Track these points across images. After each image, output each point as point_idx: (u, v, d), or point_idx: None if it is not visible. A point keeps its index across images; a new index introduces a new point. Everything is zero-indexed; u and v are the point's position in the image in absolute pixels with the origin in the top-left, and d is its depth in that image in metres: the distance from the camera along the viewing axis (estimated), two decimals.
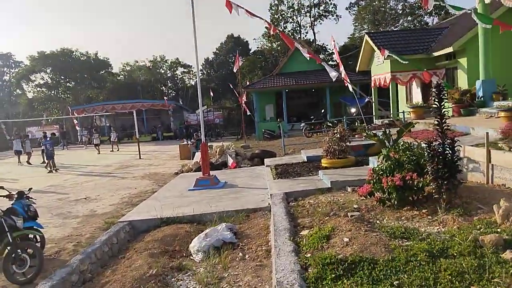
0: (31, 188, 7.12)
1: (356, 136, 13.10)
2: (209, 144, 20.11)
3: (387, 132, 8.15)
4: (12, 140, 22.22)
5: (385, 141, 7.82)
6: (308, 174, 8.97)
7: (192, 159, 15.48)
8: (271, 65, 42.29)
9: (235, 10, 8.35)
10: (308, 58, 8.54)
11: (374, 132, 11.18)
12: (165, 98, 32.56)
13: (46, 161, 17.80)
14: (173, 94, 50.16)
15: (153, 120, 37.19)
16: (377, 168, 6.05)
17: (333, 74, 8.33)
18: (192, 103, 43.99)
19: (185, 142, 18.91)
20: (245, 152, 15.20)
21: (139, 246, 6.18)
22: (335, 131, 9.78)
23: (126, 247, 6.46)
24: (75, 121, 33.20)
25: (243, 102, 26.23)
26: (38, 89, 46.67)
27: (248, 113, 26.26)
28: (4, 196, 6.45)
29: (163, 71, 50.51)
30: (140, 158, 20.25)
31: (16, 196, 6.42)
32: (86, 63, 45.66)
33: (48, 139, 18.63)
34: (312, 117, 23.84)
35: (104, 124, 37.79)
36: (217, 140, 29.10)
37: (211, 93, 36.50)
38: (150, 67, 49.32)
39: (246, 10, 8.31)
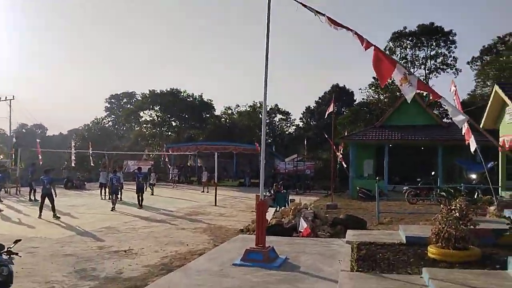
0: (18, 240, 5.42)
1: (478, 211, 9.66)
2: (292, 197, 17.85)
3: None
4: (99, 172, 22.35)
5: None
6: (406, 269, 5.99)
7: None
8: (375, 118, 39.05)
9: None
10: (413, 92, 5.84)
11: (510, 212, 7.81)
12: (255, 143, 31.17)
13: (113, 197, 17.03)
14: (270, 141, 49.20)
15: (244, 165, 36.08)
16: None
17: (460, 118, 5.55)
18: (287, 150, 42.35)
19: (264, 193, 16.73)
20: (328, 214, 12.41)
21: None
22: (453, 207, 6.71)
23: None
24: (167, 159, 33.47)
25: (339, 153, 23.48)
26: (145, 125, 49.50)
27: (345, 165, 23.32)
28: None
29: (261, 117, 50.13)
30: (215, 205, 18.56)
31: None
32: (191, 104, 47.37)
33: (115, 174, 17.84)
34: (418, 179, 20.10)
35: (195, 164, 37.73)
36: (305, 193, 26.50)
37: (305, 142, 34.47)
38: (250, 111, 49.34)
39: (329, 19, 6.11)
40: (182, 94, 47.60)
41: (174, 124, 48.89)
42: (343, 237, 9.48)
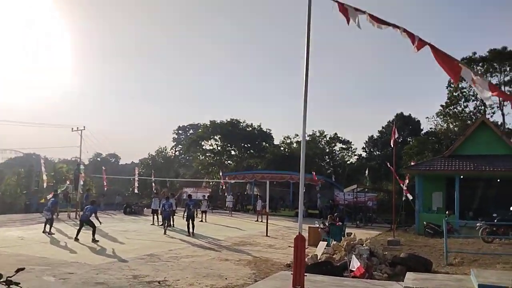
0: (21, 269, 4.89)
1: None
2: (350, 231, 16.44)
3: None
4: (152, 198, 22.48)
5: None
6: None
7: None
8: (444, 148, 36.15)
9: (353, 20, 5.37)
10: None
11: None
12: (313, 172, 29.97)
13: (165, 222, 17.38)
14: (330, 171, 47.56)
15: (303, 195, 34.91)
16: None
17: None
18: (347, 181, 40.48)
19: (317, 225, 15.57)
20: (387, 252, 11.00)
21: None
22: None
23: None
24: (224, 187, 33.23)
25: (404, 185, 21.62)
26: (206, 154, 50.19)
27: (410, 197, 21.31)
28: None
29: (321, 146, 48.79)
30: (266, 235, 17.63)
31: None
32: (250, 134, 47.51)
33: (168, 200, 18.23)
34: (494, 215, 17.76)
35: (252, 192, 37.15)
36: (366, 226, 24.69)
37: (367, 172, 32.67)
38: (309, 141, 48.29)
39: (371, 16, 5.21)
40: (241, 124, 47.96)
41: (233, 153, 49.24)
42: (403, 279, 8.16)
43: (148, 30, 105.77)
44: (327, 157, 49.68)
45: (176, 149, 65.14)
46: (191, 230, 17.04)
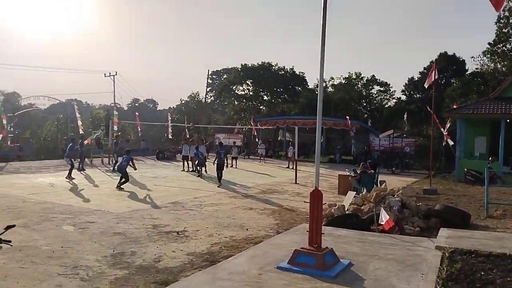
0: (11, 226, 4.58)
1: None
2: (385, 179, 15.71)
3: None
4: (182, 144, 22.35)
5: None
6: None
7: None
8: (490, 90, 33.45)
9: None
10: None
11: None
12: (347, 117, 28.76)
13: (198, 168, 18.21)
14: (366, 115, 45.89)
15: (335, 140, 33.99)
16: None
17: None
18: (385, 126, 38.92)
19: (347, 172, 14.88)
20: (421, 203, 10.23)
21: None
22: None
23: None
24: (255, 133, 32.76)
25: (444, 129, 20.24)
26: (239, 99, 49.40)
27: (451, 143, 20.02)
28: None
29: (358, 89, 46.75)
30: (295, 182, 17.21)
31: None
32: (283, 78, 46.05)
33: (198, 149, 18.02)
34: None
35: (283, 138, 36.58)
36: (403, 173, 23.74)
37: (405, 116, 31.12)
38: (345, 84, 46.36)
39: None
40: (273, 67, 46.39)
41: (266, 98, 48.19)
42: (437, 234, 7.48)
43: None
44: (363, 100, 47.78)
45: (211, 95, 64.76)
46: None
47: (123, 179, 14.15)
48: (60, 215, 9.53)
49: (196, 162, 19.15)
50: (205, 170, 19.23)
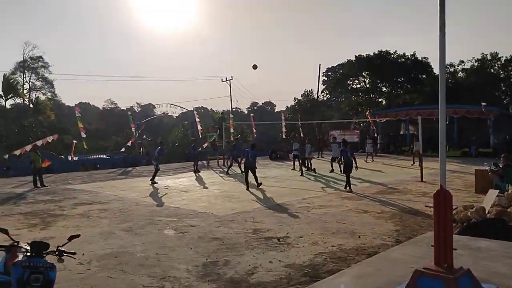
0: (75, 236, 3.97)
1: None
2: None
3: None
4: (292, 143, 21.59)
5: None
6: None
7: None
8: None
9: None
10: None
11: None
12: (482, 103, 24.77)
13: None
14: (507, 100, 39.54)
15: (469, 131, 29.73)
16: None
17: None
18: None
19: (486, 167, 12.36)
20: None
21: None
22: None
23: None
24: (373, 127, 30.34)
25: None
26: (357, 93, 46.87)
27: None
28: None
29: (494, 72, 40.54)
30: (421, 180, 15.07)
31: (25, 248, 3.58)
32: (403, 66, 42.34)
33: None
34: None
35: (407, 132, 33.32)
36: None
37: None
38: (477, 67, 40.61)
39: None
40: (392, 55, 42.89)
41: (385, 90, 44.88)
42: None
43: None
44: (502, 84, 41.29)
45: (326, 92, 62.96)
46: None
47: (255, 177, 14.14)
48: (165, 218, 9.47)
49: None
50: (310, 168, 18.90)
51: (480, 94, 39.66)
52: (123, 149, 27.10)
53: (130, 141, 26.99)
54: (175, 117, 55.36)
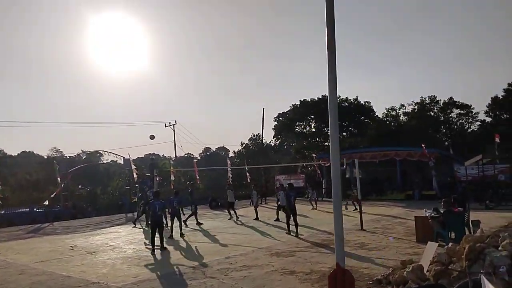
0: None
1: None
2: (476, 218, 11.86)
3: None
4: (226, 190, 19.97)
5: None
6: None
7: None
8: None
9: None
10: None
11: None
12: (422, 145, 24.77)
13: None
14: (448, 142, 40.66)
15: (412, 174, 29.67)
16: None
17: None
18: (469, 153, 33.72)
19: (425, 213, 11.41)
20: None
21: None
22: None
23: None
24: (318, 171, 29.57)
25: None
26: (305, 137, 46.71)
27: None
28: None
29: (433, 115, 41.97)
30: (361, 229, 13.92)
31: None
32: (346, 110, 42.97)
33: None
34: None
35: (351, 175, 32.87)
36: (500, 206, 19.18)
37: (497, 140, 26.31)
38: (416, 110, 41.94)
39: None
40: None
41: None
42: None
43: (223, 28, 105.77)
44: (442, 127, 42.73)
45: (279, 136, 62.60)
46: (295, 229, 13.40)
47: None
48: None
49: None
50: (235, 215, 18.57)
51: (422, 136, 40.77)
52: (46, 202, 24.29)
53: (55, 193, 24.29)
54: (122, 163, 52.63)
